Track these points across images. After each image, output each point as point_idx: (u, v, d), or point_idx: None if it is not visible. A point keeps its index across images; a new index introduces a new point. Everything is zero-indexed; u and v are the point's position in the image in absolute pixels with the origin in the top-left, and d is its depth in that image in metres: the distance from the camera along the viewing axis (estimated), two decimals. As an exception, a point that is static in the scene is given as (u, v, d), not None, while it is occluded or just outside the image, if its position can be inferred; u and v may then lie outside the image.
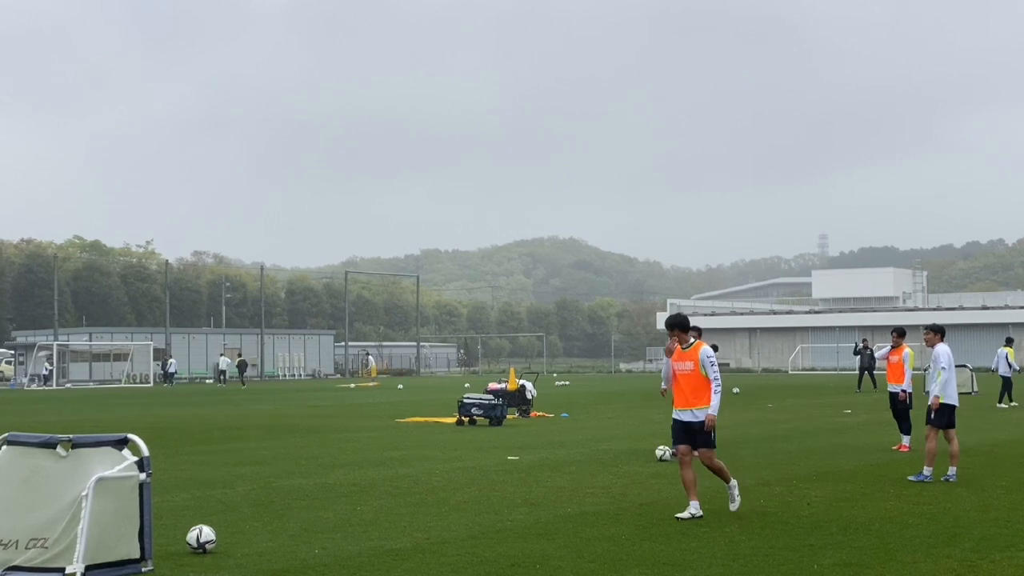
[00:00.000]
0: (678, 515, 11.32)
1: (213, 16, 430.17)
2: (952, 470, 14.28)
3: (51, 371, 70.49)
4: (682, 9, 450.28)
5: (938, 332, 14.88)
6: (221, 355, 77.60)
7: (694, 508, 11.33)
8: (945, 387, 14.19)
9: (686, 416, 11.47)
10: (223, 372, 73.67)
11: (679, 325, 11.59)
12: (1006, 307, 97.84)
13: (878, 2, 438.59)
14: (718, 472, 11.66)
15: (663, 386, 17.20)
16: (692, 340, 11.57)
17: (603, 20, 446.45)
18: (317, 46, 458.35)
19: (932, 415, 14.23)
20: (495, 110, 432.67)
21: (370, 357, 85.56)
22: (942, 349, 14.40)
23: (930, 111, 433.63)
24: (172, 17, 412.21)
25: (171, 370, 71.48)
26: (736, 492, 11.80)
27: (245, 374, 70.98)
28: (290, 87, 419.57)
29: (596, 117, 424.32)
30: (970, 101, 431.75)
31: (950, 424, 14.35)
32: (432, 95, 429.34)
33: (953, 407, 14.31)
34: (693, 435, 11.44)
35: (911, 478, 14.21)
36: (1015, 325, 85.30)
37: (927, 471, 14.21)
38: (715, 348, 17.43)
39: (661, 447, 17.25)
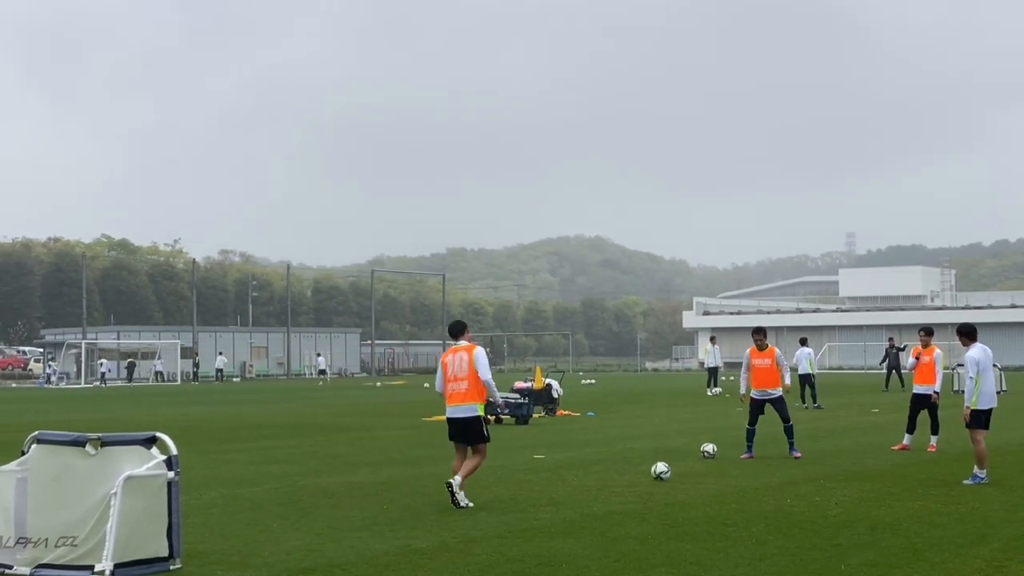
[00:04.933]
0: None
1: (248, 10, 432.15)
2: (982, 472, 14.13)
3: (55, 371, 71.09)
4: (710, 6, 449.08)
5: (969, 334, 14.41)
6: (219, 354, 78.44)
7: None
8: (979, 393, 14.02)
9: None
10: (220, 371, 74.90)
11: None
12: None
13: (913, 1, 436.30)
14: None
15: (741, 391, 17.60)
16: None
17: (627, 20, 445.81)
18: (341, 47, 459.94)
19: (969, 421, 14.07)
20: (522, 109, 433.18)
21: (320, 358, 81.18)
22: (971, 356, 14.05)
23: (959, 110, 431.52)
24: (212, 12, 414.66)
25: (103, 370, 71.18)
26: None
27: (133, 374, 72.00)
28: (318, 87, 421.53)
29: (622, 115, 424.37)
30: (1000, 100, 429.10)
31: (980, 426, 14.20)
32: (460, 95, 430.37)
33: (987, 410, 14.15)
34: None
35: (966, 482, 13.86)
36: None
37: (982, 473, 13.99)
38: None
39: (708, 444, 17.26)
